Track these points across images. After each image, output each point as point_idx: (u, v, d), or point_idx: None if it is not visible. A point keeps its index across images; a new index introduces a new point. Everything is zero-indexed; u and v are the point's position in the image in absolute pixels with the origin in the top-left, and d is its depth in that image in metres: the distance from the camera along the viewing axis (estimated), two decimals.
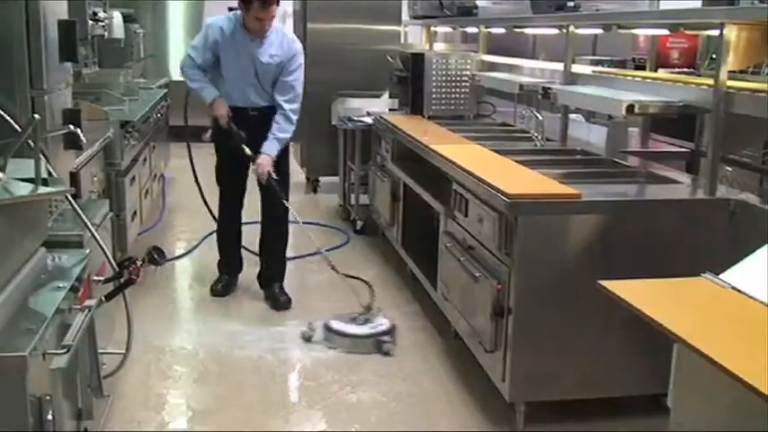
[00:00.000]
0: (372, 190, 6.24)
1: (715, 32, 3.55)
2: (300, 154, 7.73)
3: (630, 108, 3.76)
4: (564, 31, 4.97)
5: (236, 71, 4.86)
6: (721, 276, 2.36)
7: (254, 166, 4.81)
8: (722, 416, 2.06)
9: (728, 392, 1.89)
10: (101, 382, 3.16)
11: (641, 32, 5.50)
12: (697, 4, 3.74)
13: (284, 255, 5.09)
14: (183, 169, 8.69)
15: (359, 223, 6.63)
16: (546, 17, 5.08)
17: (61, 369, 2.41)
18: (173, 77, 9.38)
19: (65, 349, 2.44)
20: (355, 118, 6.62)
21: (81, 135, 3.50)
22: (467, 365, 4.07)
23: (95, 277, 3.23)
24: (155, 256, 3.79)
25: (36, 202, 2.72)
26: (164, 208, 7.13)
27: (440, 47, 8.38)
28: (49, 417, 2.32)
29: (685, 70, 5.25)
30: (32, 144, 2.70)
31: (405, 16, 8.31)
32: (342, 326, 4.44)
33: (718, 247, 3.34)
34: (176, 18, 10.64)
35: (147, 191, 6.21)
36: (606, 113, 4.57)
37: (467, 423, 3.64)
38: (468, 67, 6.11)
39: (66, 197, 3.14)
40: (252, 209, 5.20)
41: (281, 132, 4.84)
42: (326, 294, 5.10)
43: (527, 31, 6.33)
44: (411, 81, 6.16)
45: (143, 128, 5.97)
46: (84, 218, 3.14)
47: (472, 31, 7.65)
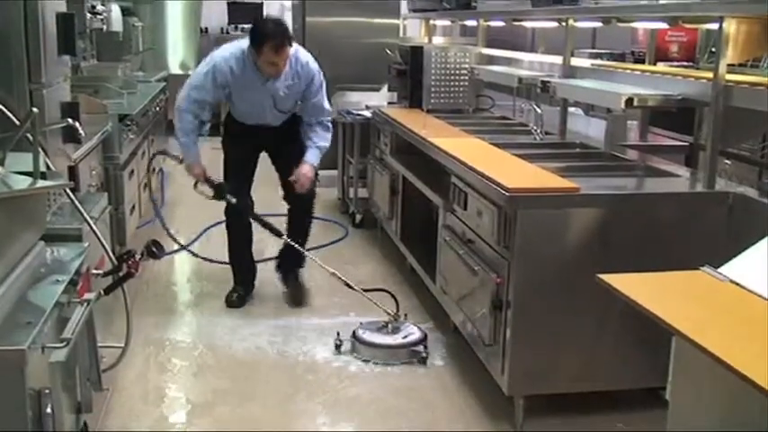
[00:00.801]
0: (371, 183, 6.23)
1: (714, 26, 3.54)
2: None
3: (629, 101, 3.75)
4: (563, 24, 4.96)
5: (250, 104, 4.69)
6: (720, 270, 2.36)
7: (293, 177, 4.66)
8: (720, 409, 2.06)
9: (727, 386, 1.90)
10: (100, 375, 3.16)
11: (640, 26, 5.50)
12: None
13: (304, 242, 4.95)
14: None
15: (358, 217, 6.63)
16: (545, 10, 5.07)
17: (60, 362, 2.41)
18: (171, 71, 9.38)
19: (64, 343, 2.44)
20: (354, 111, 6.62)
21: (79, 128, 3.50)
22: (465, 359, 4.08)
23: (94, 271, 3.23)
24: (153, 249, 3.79)
25: (35, 195, 2.72)
26: (162, 202, 7.12)
27: (439, 40, 8.37)
28: (48, 410, 2.32)
29: (684, 64, 5.26)
30: (31, 138, 2.71)
31: (404, 9, 8.30)
32: (372, 336, 4.26)
33: (716, 240, 3.34)
34: (175, 11, 10.62)
35: (145, 184, 6.21)
36: (605, 107, 4.57)
37: (465, 416, 3.65)
38: (468, 60, 6.10)
39: (65, 191, 3.14)
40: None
41: (321, 141, 4.77)
42: (325, 291, 5.08)
43: (526, 24, 6.33)
44: (410, 74, 6.16)
45: (142, 121, 5.97)
46: (83, 211, 3.15)
47: (471, 24, 7.63)
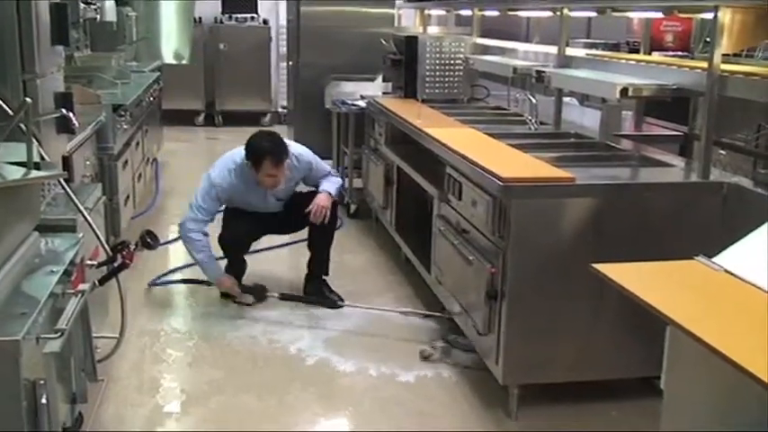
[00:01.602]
0: (366, 174, 6.23)
1: (709, 15, 3.54)
2: (293, 137, 7.71)
3: (624, 91, 3.76)
4: (558, 13, 4.95)
5: (253, 204, 4.79)
6: (714, 259, 2.36)
7: (309, 207, 4.67)
8: (715, 398, 2.07)
9: (721, 375, 1.90)
10: (95, 365, 3.16)
11: (635, 15, 5.49)
12: None
13: (328, 249, 4.95)
14: (177, 153, 8.73)
15: (352, 207, 6.63)
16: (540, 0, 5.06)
17: (55, 353, 2.41)
18: (165, 60, 9.35)
19: (58, 333, 2.44)
20: (349, 101, 6.61)
21: (73, 119, 3.48)
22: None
23: (88, 261, 3.22)
24: (148, 240, 3.79)
25: (28, 186, 2.71)
26: (157, 192, 7.12)
27: (433, 30, 8.34)
28: (43, 401, 2.32)
29: (679, 53, 5.25)
30: (24, 128, 2.69)
31: None
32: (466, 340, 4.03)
33: (711, 230, 3.35)
34: (168, 1, 10.57)
35: (140, 175, 6.20)
36: (600, 97, 4.57)
37: (460, 405, 3.65)
38: (462, 50, 6.09)
39: (59, 181, 3.13)
40: None
41: (333, 177, 4.89)
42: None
43: (521, 13, 6.32)
44: (405, 64, 6.14)
45: (136, 111, 5.95)
46: (77, 202, 3.14)
47: (466, 13, 7.61)
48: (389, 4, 7.87)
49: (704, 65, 3.51)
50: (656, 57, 4.73)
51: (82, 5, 6.09)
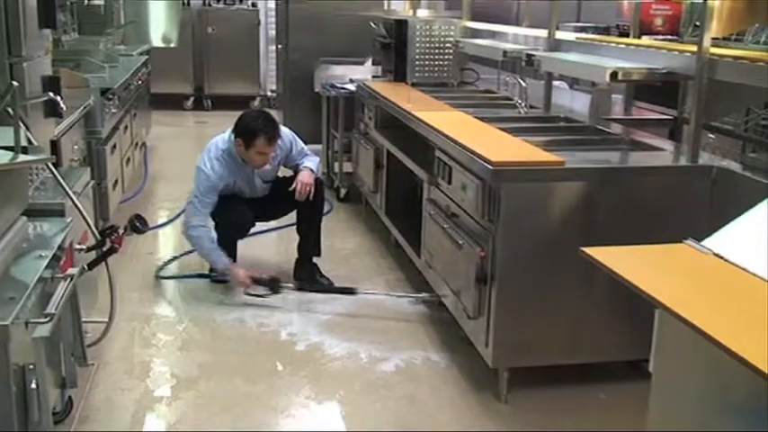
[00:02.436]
0: (356, 157, 6.22)
1: None
2: (283, 121, 7.69)
3: (614, 75, 3.75)
4: None
5: (240, 188, 4.78)
6: (703, 243, 2.37)
7: (293, 186, 4.67)
8: (703, 381, 2.08)
9: (709, 358, 1.91)
10: (84, 350, 3.16)
11: None
12: None
13: (318, 231, 4.94)
14: (165, 137, 8.70)
15: (342, 191, 6.62)
16: None
17: (44, 338, 2.41)
18: (153, 44, 9.30)
19: (47, 318, 2.44)
20: (338, 85, 6.59)
21: (61, 102, 3.47)
22: (450, 332, 4.10)
23: (77, 246, 3.22)
24: (137, 224, 3.78)
25: (16, 170, 2.70)
26: (146, 176, 7.10)
27: (423, 13, 8.32)
28: (33, 386, 2.32)
29: (669, 37, 5.24)
30: (11, 112, 2.68)
31: None
32: None
33: (700, 213, 3.36)
34: None
35: (128, 159, 6.17)
36: (590, 80, 4.56)
37: (450, 388, 3.67)
38: (452, 33, 6.08)
39: (47, 165, 3.12)
40: None
41: (312, 156, 4.87)
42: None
43: None
44: (394, 48, 6.12)
45: (124, 95, 5.92)
46: (66, 186, 3.13)
47: None
48: None
49: (694, 49, 3.51)
50: (645, 40, 4.72)
51: None
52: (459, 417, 3.47)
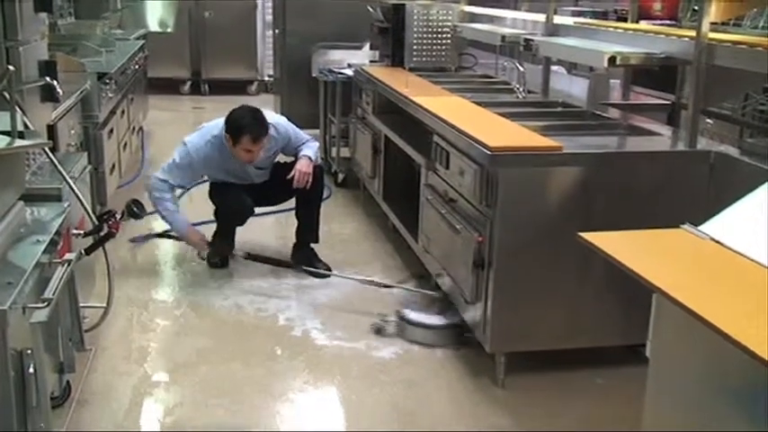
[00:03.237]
0: (353, 143, 6.21)
1: None
2: (281, 106, 7.68)
3: (612, 60, 3.74)
4: None
5: (233, 177, 4.79)
6: (701, 228, 2.37)
7: (291, 173, 4.68)
8: (700, 366, 2.09)
9: (706, 342, 1.92)
10: (82, 335, 3.17)
11: None
12: None
13: (316, 216, 4.94)
14: (162, 122, 8.68)
15: (340, 176, 6.62)
16: None
17: (42, 323, 2.41)
18: (150, 28, 9.27)
19: (45, 303, 2.44)
20: (336, 70, 6.56)
21: (57, 87, 3.46)
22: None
23: (75, 231, 3.22)
24: (134, 209, 3.79)
25: (13, 155, 2.69)
26: (143, 161, 7.09)
27: None
28: (31, 370, 2.32)
29: (667, 22, 5.23)
30: (8, 96, 2.67)
31: None
32: (419, 317, 4.04)
33: (697, 198, 3.36)
34: None
35: (125, 144, 6.16)
36: (588, 65, 4.55)
37: (447, 373, 3.68)
38: (450, 18, 6.06)
39: (44, 150, 3.11)
40: None
41: (311, 143, 4.87)
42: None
43: None
44: (392, 32, 6.10)
45: (120, 80, 5.91)
46: (63, 171, 3.12)
47: None
48: None
49: (692, 33, 3.50)
50: (643, 25, 4.71)
51: None
52: (457, 401, 3.48)
